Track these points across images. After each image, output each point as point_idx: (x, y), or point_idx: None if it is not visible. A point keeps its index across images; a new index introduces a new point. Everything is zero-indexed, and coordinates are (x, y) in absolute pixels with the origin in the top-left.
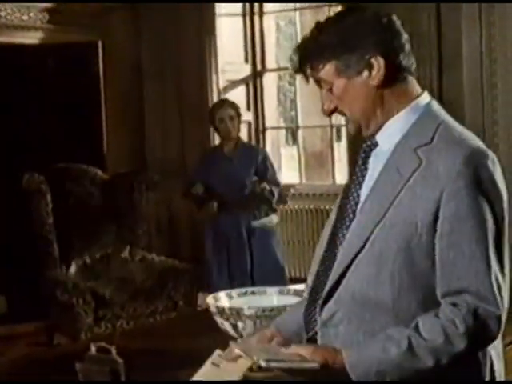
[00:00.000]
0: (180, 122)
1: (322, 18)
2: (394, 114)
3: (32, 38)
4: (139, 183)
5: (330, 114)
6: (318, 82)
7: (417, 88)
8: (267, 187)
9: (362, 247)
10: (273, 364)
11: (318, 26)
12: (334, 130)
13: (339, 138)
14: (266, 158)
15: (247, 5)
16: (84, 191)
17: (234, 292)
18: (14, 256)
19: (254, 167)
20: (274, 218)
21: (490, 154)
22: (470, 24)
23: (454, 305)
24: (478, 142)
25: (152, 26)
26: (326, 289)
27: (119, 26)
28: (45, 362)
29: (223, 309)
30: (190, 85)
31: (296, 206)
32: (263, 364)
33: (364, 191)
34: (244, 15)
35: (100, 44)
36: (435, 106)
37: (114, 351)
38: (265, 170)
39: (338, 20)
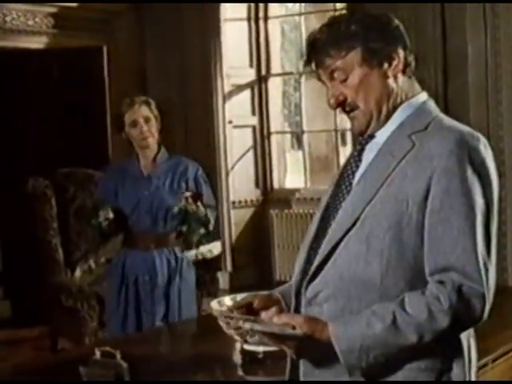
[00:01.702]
0: (184, 127)
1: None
2: (399, 106)
3: (37, 43)
4: None
5: (337, 107)
6: (331, 72)
7: (417, 86)
8: (202, 210)
9: (353, 226)
10: (257, 327)
11: (335, 18)
12: (339, 135)
13: (344, 142)
14: (198, 173)
15: (252, 9)
16: (88, 195)
17: (239, 296)
18: (19, 261)
19: (182, 187)
20: (216, 247)
21: (482, 138)
22: (475, 28)
23: (441, 282)
24: (469, 129)
25: (157, 31)
26: (313, 268)
27: (124, 30)
28: (49, 367)
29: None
30: (195, 89)
31: (301, 211)
32: (247, 326)
33: (356, 180)
34: (249, 20)
35: (105, 49)
36: (431, 104)
37: (118, 355)
38: (198, 189)
39: (355, 15)
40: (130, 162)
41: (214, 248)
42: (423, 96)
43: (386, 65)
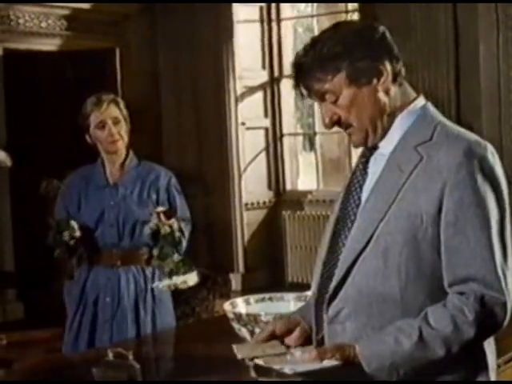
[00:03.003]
0: (197, 129)
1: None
2: (392, 120)
3: (50, 45)
4: None
5: (332, 126)
6: (322, 95)
7: (412, 92)
8: (175, 225)
9: (367, 243)
10: (299, 369)
11: (317, 40)
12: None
13: None
14: (171, 183)
15: (265, 11)
16: None
17: (252, 298)
18: (31, 263)
19: (152, 198)
20: (192, 278)
21: (489, 146)
22: (487, 29)
23: (461, 293)
24: (475, 136)
25: (169, 33)
26: (332, 287)
27: (136, 32)
28: (61, 368)
29: (240, 315)
30: (207, 91)
31: (313, 212)
32: (289, 372)
33: (365, 194)
34: (261, 22)
35: (117, 50)
36: (431, 108)
37: (131, 357)
38: (170, 200)
39: (336, 31)
40: (95, 168)
41: (189, 279)
42: (421, 100)
43: (374, 81)
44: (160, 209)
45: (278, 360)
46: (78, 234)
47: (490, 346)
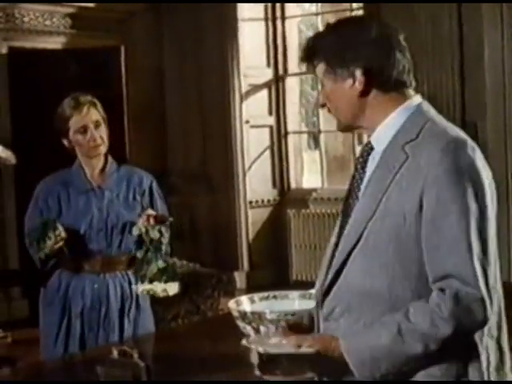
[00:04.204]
0: (202, 127)
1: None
2: (382, 119)
3: (55, 43)
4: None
5: (322, 107)
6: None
7: (409, 92)
8: (164, 239)
9: (357, 242)
10: (272, 351)
11: (326, 27)
12: (356, 135)
13: (361, 142)
14: (153, 186)
15: (269, 9)
16: None
17: (256, 296)
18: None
19: (138, 201)
20: (173, 287)
21: (470, 142)
22: (492, 28)
23: (442, 290)
24: (458, 133)
25: (174, 31)
26: (325, 285)
27: (141, 31)
28: (66, 366)
29: (245, 313)
30: (212, 89)
31: (318, 210)
32: (261, 350)
33: (362, 193)
34: (266, 20)
35: (122, 49)
36: (425, 106)
37: (135, 355)
38: (152, 203)
39: (336, 27)
40: (72, 172)
41: (169, 288)
42: (416, 99)
43: (349, 81)
44: (151, 212)
45: (258, 340)
46: (63, 235)
47: (487, 343)
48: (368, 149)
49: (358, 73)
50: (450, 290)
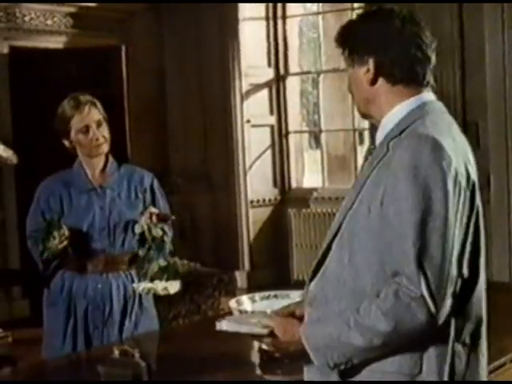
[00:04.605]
0: (203, 126)
1: (345, 22)
2: (388, 111)
3: (56, 43)
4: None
5: (350, 91)
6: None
7: (417, 89)
8: (167, 238)
9: (336, 233)
10: (225, 327)
11: (357, 17)
12: (357, 134)
13: (362, 141)
14: (154, 184)
15: (270, 9)
16: None
17: (257, 295)
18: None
19: (140, 199)
20: (174, 286)
21: (433, 139)
22: (493, 26)
23: (390, 286)
24: (425, 131)
25: (175, 31)
26: (310, 272)
27: (142, 30)
28: (68, 366)
29: (246, 312)
30: (213, 88)
31: (319, 210)
32: (218, 327)
33: None
34: (267, 19)
35: (123, 48)
36: (429, 106)
37: (136, 355)
38: (154, 202)
39: (363, 18)
40: (73, 172)
41: (170, 286)
42: (420, 98)
43: (363, 69)
44: (154, 210)
45: (234, 318)
46: (67, 233)
47: (456, 349)
48: (372, 149)
49: (370, 62)
50: (394, 286)
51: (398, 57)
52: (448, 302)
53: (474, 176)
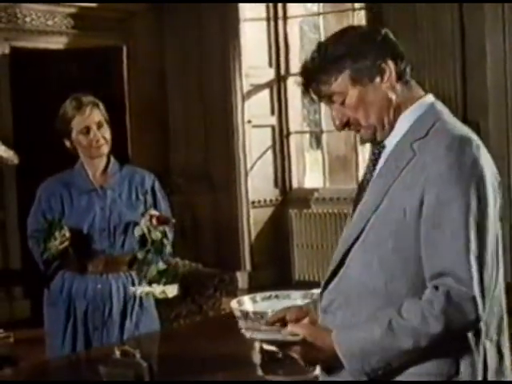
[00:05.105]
0: (204, 126)
1: (345, 22)
2: (403, 111)
3: (56, 43)
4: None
5: (343, 128)
6: (330, 97)
7: (420, 90)
8: (165, 229)
9: (358, 236)
10: (258, 336)
11: (322, 45)
12: (358, 135)
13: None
14: (155, 186)
15: (271, 9)
16: None
17: (258, 296)
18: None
19: (141, 200)
20: (172, 290)
21: (475, 139)
22: (494, 25)
23: (436, 287)
24: (464, 131)
25: (176, 31)
26: (326, 277)
27: (143, 30)
28: (69, 367)
29: (247, 313)
30: (214, 89)
31: (320, 210)
32: (247, 336)
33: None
34: (268, 20)
35: (124, 48)
36: (439, 106)
37: (138, 355)
38: (156, 203)
39: (342, 35)
40: (74, 173)
41: (168, 290)
42: (428, 98)
43: (378, 79)
44: (154, 212)
45: (251, 326)
46: (68, 234)
47: (486, 346)
48: (380, 147)
49: (387, 64)
50: (443, 287)
51: (401, 55)
52: (488, 300)
53: None
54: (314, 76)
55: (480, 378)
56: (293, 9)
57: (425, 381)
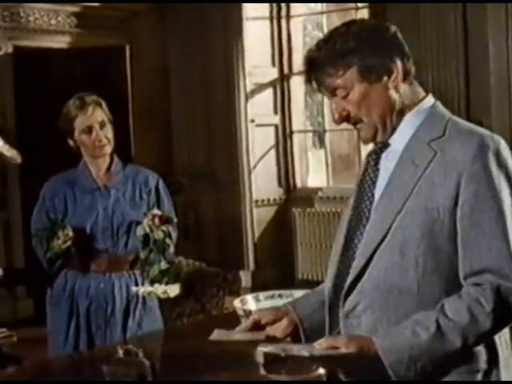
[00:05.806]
0: (207, 126)
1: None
2: (410, 110)
3: (60, 42)
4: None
5: (341, 122)
6: (333, 90)
7: (420, 90)
8: (168, 231)
9: (384, 237)
10: (316, 353)
11: (329, 36)
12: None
13: None
14: (159, 185)
15: (274, 8)
16: None
17: (262, 295)
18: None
19: (144, 199)
20: (174, 289)
21: (502, 140)
22: (497, 25)
23: (477, 285)
24: (487, 131)
25: (179, 31)
26: (348, 282)
27: (146, 29)
28: (72, 365)
29: (250, 312)
30: (217, 88)
31: (323, 209)
32: (306, 354)
33: (378, 190)
34: (271, 19)
35: (127, 48)
36: (440, 107)
37: (141, 354)
38: (159, 203)
39: (350, 28)
40: (78, 172)
41: (170, 290)
42: (430, 99)
43: (385, 78)
44: (156, 212)
45: (300, 347)
46: (71, 234)
47: (502, 340)
48: (382, 145)
49: (396, 64)
50: (490, 284)
51: (408, 56)
52: None
53: None
54: (320, 67)
55: (501, 374)
56: (296, 8)
57: (438, 381)
